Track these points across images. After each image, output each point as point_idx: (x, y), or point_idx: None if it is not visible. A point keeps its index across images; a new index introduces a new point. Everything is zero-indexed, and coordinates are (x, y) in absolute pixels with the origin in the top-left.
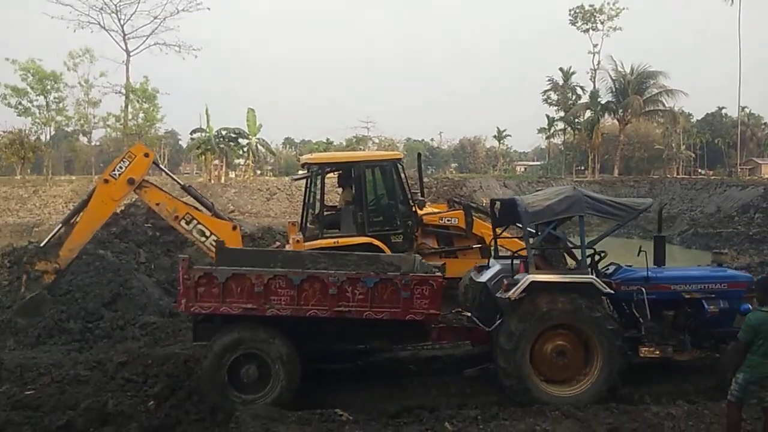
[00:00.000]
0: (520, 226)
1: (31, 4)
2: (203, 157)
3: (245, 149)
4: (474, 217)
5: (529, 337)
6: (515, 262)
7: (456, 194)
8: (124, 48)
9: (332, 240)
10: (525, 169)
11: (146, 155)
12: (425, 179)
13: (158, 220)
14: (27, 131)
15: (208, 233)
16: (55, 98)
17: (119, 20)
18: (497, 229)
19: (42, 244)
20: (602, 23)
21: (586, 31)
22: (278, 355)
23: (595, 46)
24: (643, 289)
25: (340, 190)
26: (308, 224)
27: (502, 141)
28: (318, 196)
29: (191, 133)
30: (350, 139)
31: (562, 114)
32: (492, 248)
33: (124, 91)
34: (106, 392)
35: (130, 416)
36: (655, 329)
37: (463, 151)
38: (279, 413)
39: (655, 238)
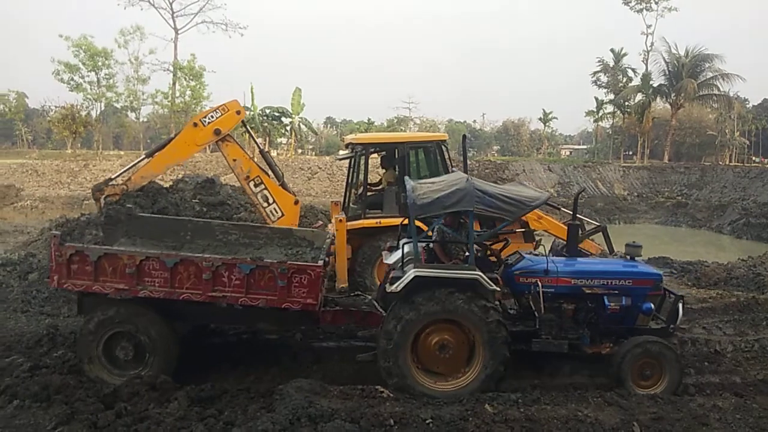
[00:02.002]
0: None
1: None
2: (247, 135)
3: (288, 128)
4: None
5: (408, 333)
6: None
7: (498, 177)
8: (173, 26)
9: (374, 220)
10: (570, 153)
11: (238, 112)
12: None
13: (206, 196)
14: (78, 107)
15: (271, 200)
16: (105, 75)
17: None
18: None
19: (113, 177)
20: (656, 3)
21: (640, 11)
22: (153, 333)
23: (648, 26)
24: (539, 282)
25: (381, 170)
26: (351, 204)
27: (547, 124)
28: (361, 176)
29: None
30: (391, 120)
31: (611, 97)
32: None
33: (171, 68)
34: None
35: (176, 386)
36: (554, 322)
37: (506, 134)
38: (321, 387)
39: (568, 227)
